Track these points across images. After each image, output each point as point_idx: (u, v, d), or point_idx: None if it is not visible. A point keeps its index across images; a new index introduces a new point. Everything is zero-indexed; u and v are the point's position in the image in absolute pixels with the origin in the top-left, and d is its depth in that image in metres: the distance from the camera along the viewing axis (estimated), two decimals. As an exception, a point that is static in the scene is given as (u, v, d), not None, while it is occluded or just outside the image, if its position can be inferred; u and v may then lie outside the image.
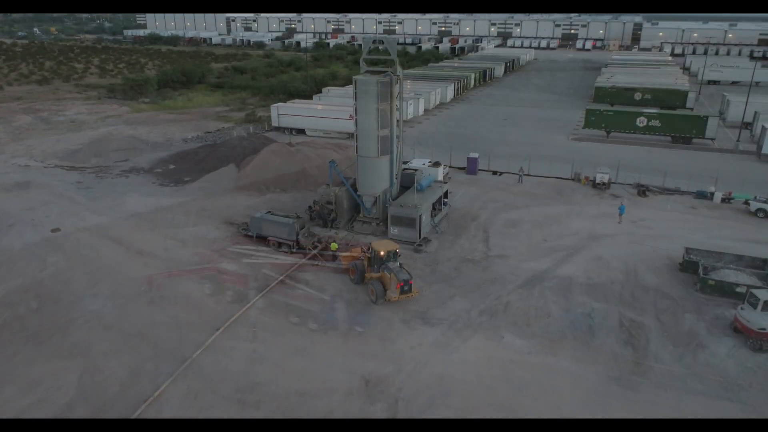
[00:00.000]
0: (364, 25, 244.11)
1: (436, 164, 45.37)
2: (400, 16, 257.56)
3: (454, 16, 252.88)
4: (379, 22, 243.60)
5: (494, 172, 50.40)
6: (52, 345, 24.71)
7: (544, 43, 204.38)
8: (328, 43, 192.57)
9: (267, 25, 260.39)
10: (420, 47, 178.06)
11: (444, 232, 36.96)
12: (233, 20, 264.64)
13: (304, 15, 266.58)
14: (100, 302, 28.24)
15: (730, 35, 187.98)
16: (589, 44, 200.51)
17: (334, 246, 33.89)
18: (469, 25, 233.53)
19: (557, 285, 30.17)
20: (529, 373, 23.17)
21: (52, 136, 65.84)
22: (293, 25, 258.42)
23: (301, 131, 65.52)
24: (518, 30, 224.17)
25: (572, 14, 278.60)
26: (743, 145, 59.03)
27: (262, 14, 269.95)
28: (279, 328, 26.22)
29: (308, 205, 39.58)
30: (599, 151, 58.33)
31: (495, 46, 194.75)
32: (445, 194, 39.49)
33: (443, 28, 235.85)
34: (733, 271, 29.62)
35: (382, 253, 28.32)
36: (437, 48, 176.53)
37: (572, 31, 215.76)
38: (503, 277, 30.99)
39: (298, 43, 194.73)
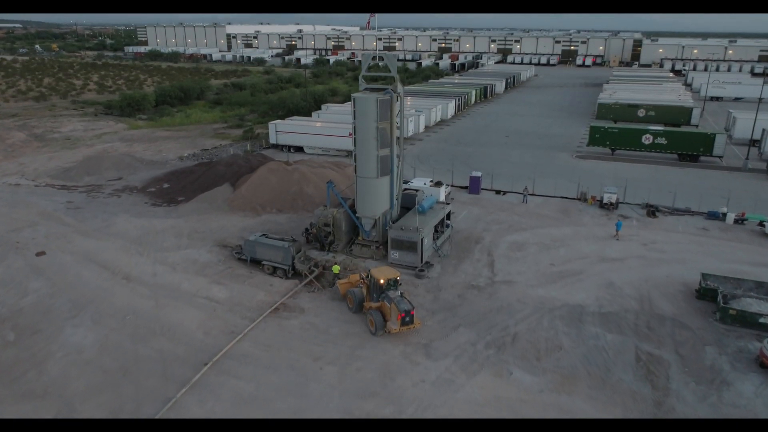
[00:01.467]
0: (364, 41, 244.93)
1: (438, 184, 43.84)
2: (400, 32, 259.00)
3: (454, 33, 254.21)
4: (379, 39, 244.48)
5: (498, 192, 48.88)
6: (26, 382, 22.92)
7: (544, 60, 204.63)
8: (328, 60, 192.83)
9: (267, 42, 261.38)
10: (420, 63, 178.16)
11: (447, 256, 35.31)
12: (234, 37, 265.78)
13: (305, 32, 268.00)
14: (82, 333, 26.49)
15: (730, 51, 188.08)
16: (589, 60, 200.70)
17: (336, 268, 32.25)
18: (469, 41, 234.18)
19: (567, 314, 28.44)
20: (542, 415, 21.35)
21: (45, 153, 64.57)
22: (293, 42, 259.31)
23: (299, 149, 64.22)
24: (518, 46, 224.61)
25: (572, 31, 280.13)
26: (752, 163, 57.63)
27: (262, 31, 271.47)
28: (271, 363, 24.45)
29: (305, 227, 38.01)
30: (604, 170, 56.94)
31: (495, 63, 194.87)
32: (448, 216, 37.90)
33: (443, 45, 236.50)
34: (754, 299, 27.91)
35: (381, 281, 26.63)
36: (437, 64, 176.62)
37: (572, 47, 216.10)
38: (510, 306, 29.27)
39: (299, 59, 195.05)
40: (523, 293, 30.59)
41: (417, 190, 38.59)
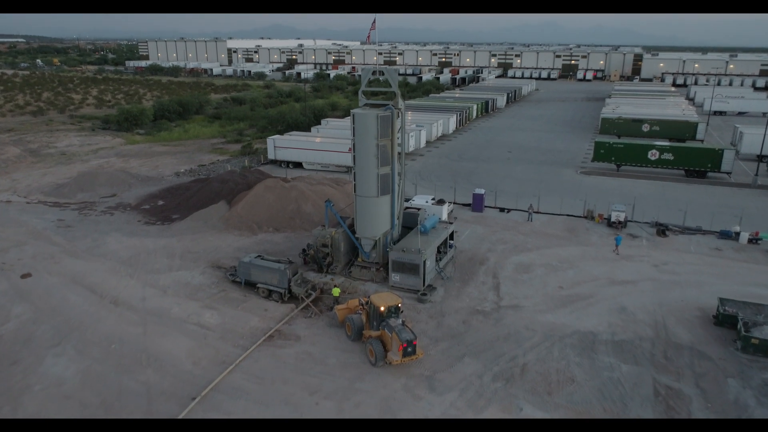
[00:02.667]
0: (364, 55, 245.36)
1: (440, 202, 42.48)
2: (401, 47, 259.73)
3: (454, 47, 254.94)
4: (380, 53, 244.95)
5: (501, 209, 47.46)
6: (-1, 420, 21.31)
7: (544, 74, 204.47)
8: (329, 74, 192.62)
9: (268, 56, 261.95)
10: (420, 78, 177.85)
11: (450, 278, 33.77)
12: (235, 51, 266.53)
13: (305, 46, 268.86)
14: (64, 364, 24.91)
15: (731, 66, 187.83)
16: (589, 75, 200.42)
17: (336, 291, 30.74)
18: (469, 55, 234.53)
19: (579, 342, 26.86)
20: (555, 457, 19.69)
21: (39, 169, 63.37)
22: (294, 56, 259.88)
23: (298, 164, 62.98)
24: (518, 61, 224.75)
25: (572, 45, 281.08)
26: (762, 179, 56.26)
27: (263, 45, 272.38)
28: (264, 397, 22.84)
29: (302, 248, 36.53)
30: (610, 186, 55.60)
31: (495, 77, 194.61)
32: (451, 236, 36.43)
33: (443, 59, 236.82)
34: (777, 327, 26.33)
35: (382, 308, 25.08)
36: (438, 78, 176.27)
37: (572, 61, 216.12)
38: (518, 333, 27.69)
39: (299, 73, 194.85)
40: (531, 319, 29.02)
41: (419, 209, 37.16)
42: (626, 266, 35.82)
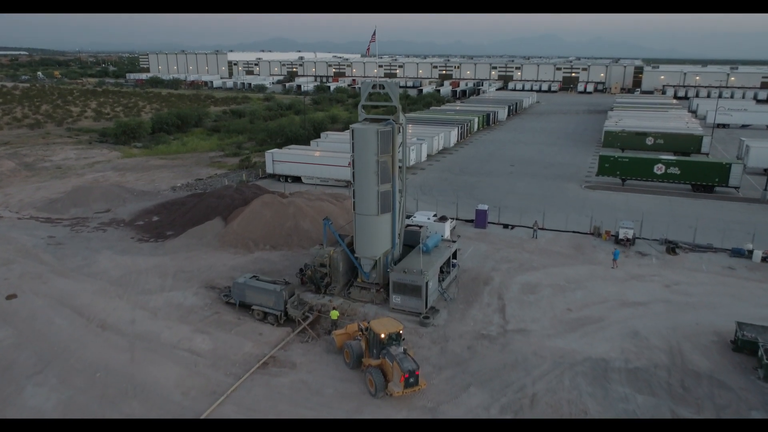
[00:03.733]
0: (365, 68, 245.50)
1: (443, 219, 41.18)
2: (401, 59, 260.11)
3: (454, 60, 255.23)
4: (380, 66, 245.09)
5: (505, 226, 46.14)
6: (-30, 459, 19.85)
7: (545, 87, 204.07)
8: (329, 87, 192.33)
9: (268, 69, 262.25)
10: (421, 90, 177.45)
11: (453, 300, 32.36)
12: (235, 64, 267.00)
13: (306, 59, 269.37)
14: (44, 394, 23.47)
15: (732, 78, 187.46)
16: (590, 87, 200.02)
17: (334, 314, 29.29)
18: (469, 68, 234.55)
19: (590, 370, 25.40)
20: (570, 501, 18.22)
21: (33, 183, 62.17)
22: (294, 69, 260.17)
23: (297, 179, 61.79)
24: (519, 73, 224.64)
25: (572, 58, 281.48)
26: (771, 195, 54.97)
27: (264, 58, 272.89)
28: (256, 432, 21.37)
29: (299, 267, 35.14)
30: (616, 201, 54.31)
31: (496, 89, 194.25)
32: (454, 254, 35.06)
33: (444, 72, 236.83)
34: (801, 355, 24.88)
35: (382, 335, 23.65)
36: (438, 91, 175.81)
37: (573, 74, 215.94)
38: (526, 360, 26.24)
39: (299, 86, 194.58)
40: (539, 344, 27.58)
41: (421, 227, 35.82)
42: (636, 286, 34.41)
